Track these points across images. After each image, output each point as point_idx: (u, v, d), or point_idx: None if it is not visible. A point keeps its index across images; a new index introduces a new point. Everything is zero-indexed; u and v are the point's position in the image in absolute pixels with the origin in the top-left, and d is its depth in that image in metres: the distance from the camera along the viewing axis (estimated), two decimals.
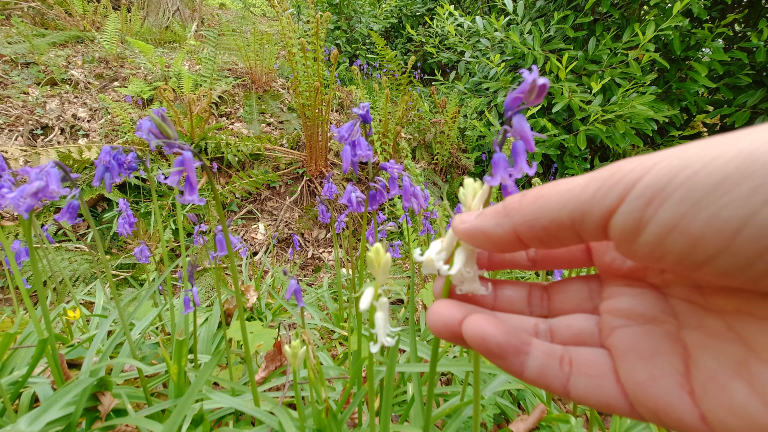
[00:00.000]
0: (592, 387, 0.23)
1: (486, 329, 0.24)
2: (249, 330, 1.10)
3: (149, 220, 2.52)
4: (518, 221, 0.23)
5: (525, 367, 0.24)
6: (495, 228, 0.24)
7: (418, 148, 3.49)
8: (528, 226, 0.22)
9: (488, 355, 0.24)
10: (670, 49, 2.82)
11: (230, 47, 3.70)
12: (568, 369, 0.24)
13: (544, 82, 0.27)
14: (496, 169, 0.30)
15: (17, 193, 0.53)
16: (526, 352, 0.24)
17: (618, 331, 0.23)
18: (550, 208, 0.21)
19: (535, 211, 0.22)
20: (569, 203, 0.21)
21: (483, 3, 4.26)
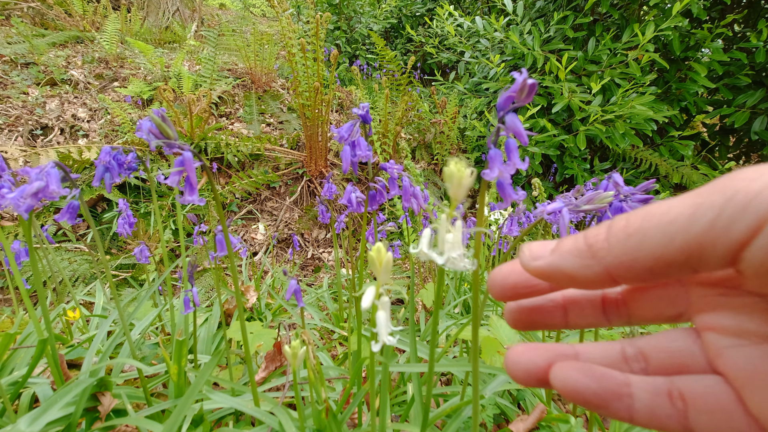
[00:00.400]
0: (718, 422, 0.20)
1: (578, 381, 0.22)
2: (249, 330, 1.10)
3: (149, 220, 2.52)
4: (611, 262, 0.20)
5: (633, 411, 0.21)
6: (582, 270, 0.21)
7: (417, 149, 3.50)
8: (626, 267, 0.20)
9: (588, 406, 0.22)
10: (669, 50, 2.82)
11: (230, 47, 3.70)
12: (681, 405, 0.21)
13: (533, 81, 0.29)
14: (493, 163, 0.33)
15: (17, 193, 0.53)
16: (628, 394, 0.21)
17: (729, 354, 0.21)
18: (652, 245, 0.19)
19: (632, 250, 0.20)
20: (677, 237, 0.18)
21: (483, 3, 4.26)
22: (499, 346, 0.88)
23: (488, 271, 1.87)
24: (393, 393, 0.94)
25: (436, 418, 0.70)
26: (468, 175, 0.28)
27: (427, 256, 0.29)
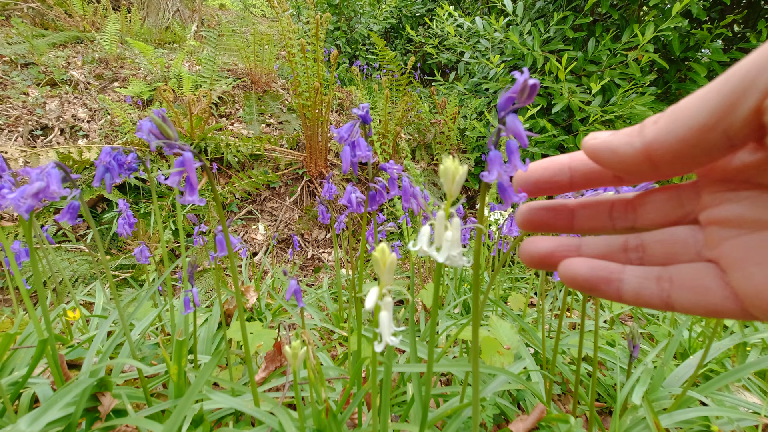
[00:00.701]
0: (697, 297, 0.23)
1: (576, 268, 0.25)
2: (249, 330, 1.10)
3: (149, 220, 2.52)
4: (650, 138, 0.21)
5: (621, 292, 0.24)
6: (624, 147, 0.22)
7: (417, 149, 3.50)
8: (661, 141, 0.21)
9: (580, 289, 0.26)
10: (669, 50, 2.82)
11: (230, 48, 3.71)
12: (668, 286, 0.24)
13: (534, 82, 0.28)
14: (492, 165, 0.32)
15: (18, 193, 0.53)
16: (619, 279, 0.25)
17: (728, 242, 0.22)
18: (689, 115, 0.20)
19: (671, 123, 0.21)
20: (710, 102, 0.19)
21: (483, 4, 4.26)
22: (499, 346, 0.89)
23: (488, 272, 1.87)
24: (393, 393, 0.94)
25: (436, 419, 0.70)
26: (462, 172, 0.29)
27: (427, 253, 0.29)
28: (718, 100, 0.19)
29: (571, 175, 0.27)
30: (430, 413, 0.82)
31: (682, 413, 0.83)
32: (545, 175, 0.28)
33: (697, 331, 1.29)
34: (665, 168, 0.22)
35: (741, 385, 1.00)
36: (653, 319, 1.52)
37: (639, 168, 0.23)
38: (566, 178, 0.28)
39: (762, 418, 0.81)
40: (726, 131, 0.19)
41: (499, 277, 1.84)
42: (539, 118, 2.97)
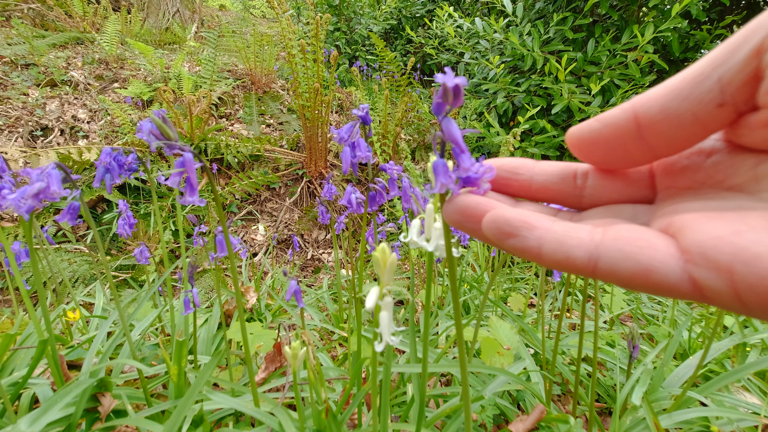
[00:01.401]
0: (633, 252, 0.19)
1: (504, 212, 0.23)
2: (249, 331, 1.10)
3: (149, 221, 2.52)
4: (638, 97, 0.21)
5: (542, 242, 0.21)
6: (613, 112, 0.22)
7: (417, 150, 3.50)
8: (649, 96, 0.21)
9: (499, 235, 0.22)
10: (669, 51, 2.83)
11: (230, 49, 3.71)
12: (599, 237, 0.20)
13: (457, 82, 0.25)
14: (436, 175, 0.28)
15: (18, 194, 0.53)
16: (546, 228, 0.21)
17: (690, 214, 0.20)
18: (683, 72, 0.20)
19: (661, 85, 0.20)
20: (708, 56, 0.19)
21: (482, 5, 4.27)
22: (499, 346, 0.89)
23: (488, 273, 1.87)
24: (393, 394, 0.94)
25: (435, 419, 0.70)
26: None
27: (417, 244, 0.30)
28: (717, 51, 0.19)
29: (532, 174, 0.26)
30: (429, 413, 0.82)
31: (682, 414, 0.83)
32: (508, 167, 0.27)
33: (697, 332, 1.30)
34: (651, 132, 0.21)
35: (741, 386, 1.00)
36: (653, 320, 1.52)
37: (624, 137, 0.22)
38: (528, 176, 0.26)
39: (762, 418, 0.81)
40: (720, 79, 0.19)
41: (499, 278, 1.84)
42: (539, 119, 2.97)
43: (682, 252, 0.18)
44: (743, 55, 0.18)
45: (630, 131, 0.21)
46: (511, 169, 0.27)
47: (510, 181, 0.27)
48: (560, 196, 0.26)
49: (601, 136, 0.23)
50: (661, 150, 0.22)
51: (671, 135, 0.21)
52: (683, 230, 0.19)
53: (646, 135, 0.21)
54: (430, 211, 0.30)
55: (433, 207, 0.30)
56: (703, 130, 0.20)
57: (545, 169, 0.27)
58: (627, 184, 0.25)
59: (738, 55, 0.18)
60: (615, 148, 0.23)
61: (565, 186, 0.26)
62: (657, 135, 0.21)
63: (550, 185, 0.26)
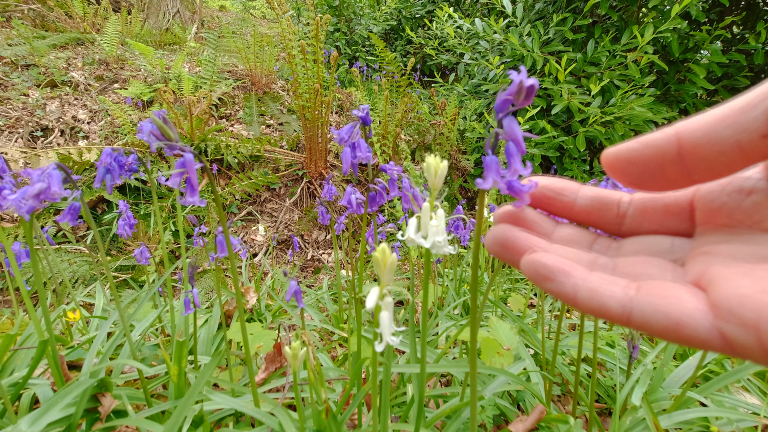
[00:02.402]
0: (664, 306, 0.19)
1: (541, 256, 0.23)
2: (249, 331, 1.10)
3: (149, 221, 2.52)
4: (682, 123, 0.21)
5: (578, 289, 0.22)
6: (656, 135, 0.22)
7: (417, 150, 3.50)
8: (693, 122, 0.21)
9: (537, 278, 0.23)
10: (668, 51, 2.83)
11: (230, 49, 3.71)
12: (633, 292, 0.21)
13: (532, 82, 0.26)
14: (488, 171, 0.29)
15: (19, 194, 0.53)
16: (582, 278, 0.22)
17: (721, 266, 0.20)
18: (727, 104, 0.20)
19: (705, 113, 0.21)
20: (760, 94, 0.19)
21: (482, 5, 4.27)
22: (499, 347, 0.89)
23: (488, 273, 1.87)
24: (393, 394, 0.94)
25: (435, 419, 0.70)
26: (443, 167, 0.30)
27: (415, 241, 0.30)
28: (763, 87, 0.19)
29: (576, 196, 0.27)
30: (429, 413, 0.82)
31: (682, 414, 0.83)
32: (554, 187, 0.28)
33: None
34: (692, 156, 0.21)
35: (740, 386, 1.00)
36: None
37: (664, 159, 0.22)
38: (572, 198, 0.27)
39: (761, 418, 0.81)
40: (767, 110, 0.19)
41: (499, 278, 1.84)
42: (539, 120, 2.97)
43: (712, 307, 0.19)
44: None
45: (671, 153, 0.22)
46: (557, 190, 0.28)
47: (554, 200, 0.28)
48: (601, 222, 0.27)
49: (640, 156, 0.23)
50: (699, 175, 0.22)
51: (712, 160, 0.21)
52: (713, 285, 0.19)
53: (686, 158, 0.21)
54: (426, 208, 0.31)
55: (429, 205, 0.30)
56: (744, 158, 0.20)
57: (588, 194, 0.27)
58: (667, 216, 0.25)
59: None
60: (653, 168, 0.23)
61: (606, 213, 0.27)
62: (697, 159, 0.21)
63: (592, 210, 0.27)
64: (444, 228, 0.30)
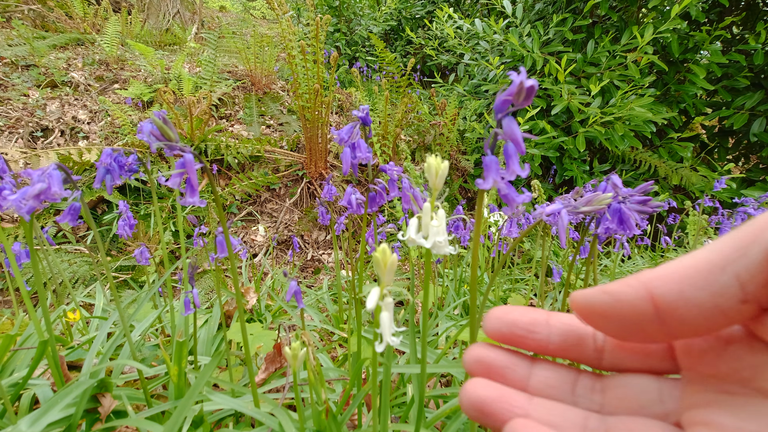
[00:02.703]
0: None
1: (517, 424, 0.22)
2: (249, 332, 1.10)
3: (149, 222, 2.52)
4: (651, 276, 0.20)
5: None
6: (625, 288, 0.21)
7: (417, 150, 3.50)
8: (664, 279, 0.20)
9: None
10: (668, 52, 2.83)
11: (230, 50, 3.72)
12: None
13: (532, 83, 0.26)
14: (488, 172, 0.30)
15: (19, 194, 0.53)
16: None
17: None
18: (693, 255, 0.19)
19: (674, 263, 0.20)
20: (717, 245, 0.19)
21: (482, 6, 4.27)
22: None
23: (488, 273, 1.87)
24: (393, 394, 0.94)
25: (435, 419, 0.70)
26: (444, 168, 0.30)
27: (415, 242, 0.31)
28: (726, 243, 0.18)
29: (549, 332, 0.25)
30: (430, 414, 0.82)
31: None
32: (522, 323, 0.26)
33: None
34: (671, 317, 0.20)
35: None
36: None
37: (640, 317, 0.20)
38: (545, 334, 0.25)
39: None
40: (738, 276, 0.18)
41: (499, 279, 1.84)
42: (538, 120, 2.98)
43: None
44: (758, 255, 0.17)
45: (646, 312, 0.20)
46: (525, 327, 0.25)
47: (527, 339, 0.26)
48: (580, 358, 0.25)
49: (613, 311, 0.21)
50: (682, 333, 0.20)
51: (694, 323, 0.19)
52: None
53: (665, 319, 0.20)
54: (427, 209, 0.31)
55: (430, 205, 0.31)
56: (726, 320, 0.19)
57: (560, 327, 0.25)
58: (647, 355, 0.24)
59: (752, 253, 0.18)
60: (630, 325, 0.21)
61: (584, 348, 0.25)
62: (678, 320, 0.20)
63: (568, 347, 0.25)
64: (444, 228, 0.30)
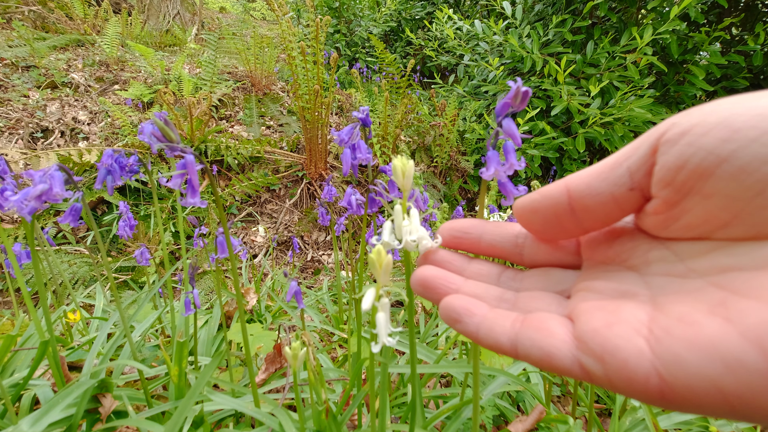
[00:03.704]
0: (540, 337, 0.22)
1: (453, 299, 0.26)
2: (249, 332, 1.10)
3: (149, 222, 2.52)
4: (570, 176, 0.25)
5: (479, 327, 0.25)
6: (551, 186, 0.25)
7: (417, 151, 3.50)
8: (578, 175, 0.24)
9: (448, 320, 0.26)
10: (667, 53, 2.83)
11: (230, 51, 3.72)
12: (519, 326, 0.24)
13: (527, 89, 0.32)
14: (490, 163, 0.35)
15: (21, 195, 0.54)
16: (483, 315, 0.25)
17: (587, 301, 0.23)
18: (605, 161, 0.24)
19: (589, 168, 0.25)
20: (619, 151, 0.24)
21: (482, 7, 4.28)
22: None
23: None
24: (393, 395, 0.94)
25: (434, 418, 0.70)
26: (410, 167, 0.32)
27: (390, 245, 0.32)
28: (630, 145, 0.23)
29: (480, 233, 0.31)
30: (429, 414, 0.82)
31: (681, 414, 0.83)
32: (460, 227, 0.31)
33: None
34: (579, 205, 0.24)
35: None
36: None
37: (558, 208, 0.25)
38: (477, 235, 0.31)
39: None
40: (629, 168, 0.23)
41: None
42: (538, 121, 2.98)
43: (575, 339, 0.21)
44: (643, 151, 0.22)
45: (563, 204, 0.25)
46: (462, 229, 0.31)
47: (462, 239, 0.31)
48: (505, 253, 0.30)
49: (540, 206, 0.26)
50: (588, 223, 0.25)
51: (595, 210, 0.24)
52: (578, 318, 0.22)
53: (576, 209, 0.25)
54: (398, 211, 0.32)
55: (402, 207, 0.32)
56: (619, 209, 0.24)
57: (491, 229, 0.31)
58: (557, 247, 0.29)
59: (640, 150, 0.22)
60: (550, 218, 0.26)
61: (507, 244, 0.30)
62: (584, 209, 0.24)
63: (496, 244, 0.30)
64: (417, 226, 0.31)
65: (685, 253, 0.22)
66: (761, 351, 0.16)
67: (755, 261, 0.19)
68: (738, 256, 0.20)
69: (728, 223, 0.20)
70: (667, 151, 0.21)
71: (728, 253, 0.20)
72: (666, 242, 0.24)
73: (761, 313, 0.16)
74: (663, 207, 0.22)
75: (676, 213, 0.22)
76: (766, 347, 0.16)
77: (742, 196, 0.19)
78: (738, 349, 0.16)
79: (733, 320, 0.17)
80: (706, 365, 0.17)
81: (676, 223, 0.22)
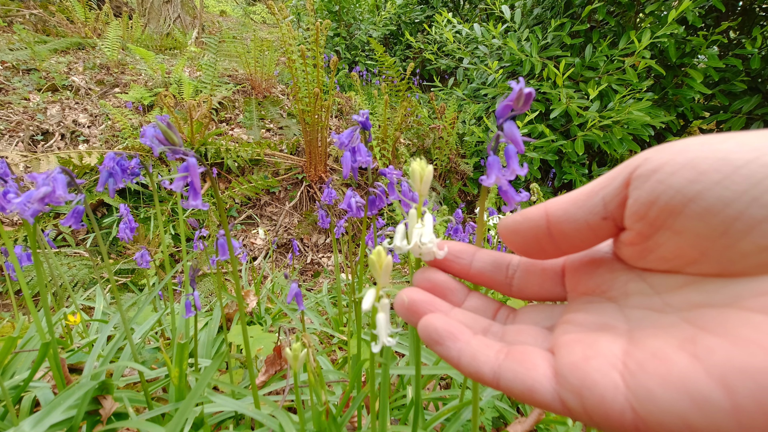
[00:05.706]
0: (521, 370, 0.22)
1: (434, 320, 0.26)
2: (249, 334, 1.10)
3: (149, 225, 2.52)
4: (550, 202, 0.25)
5: (461, 354, 0.25)
6: (533, 210, 0.26)
7: (417, 154, 3.51)
8: (557, 202, 0.25)
9: (428, 341, 0.26)
10: (665, 56, 2.85)
11: (230, 54, 3.73)
12: (502, 357, 0.24)
13: (530, 90, 0.30)
14: (491, 169, 0.33)
15: (24, 198, 0.54)
16: (466, 341, 0.25)
17: (567, 335, 0.24)
18: (580, 189, 0.25)
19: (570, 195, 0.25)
20: (595, 181, 0.24)
21: (481, 11, 4.30)
22: None
23: None
24: (393, 397, 0.94)
25: (434, 420, 0.71)
26: (428, 172, 0.31)
27: (402, 249, 0.32)
28: (605, 176, 0.24)
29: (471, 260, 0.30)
30: (429, 416, 0.82)
31: None
32: (452, 248, 0.31)
33: None
34: (557, 229, 0.25)
35: None
36: None
37: (537, 230, 0.26)
38: (468, 261, 0.30)
39: None
40: (604, 198, 0.23)
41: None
42: (537, 124, 2.99)
43: (555, 373, 0.21)
44: (617, 183, 0.23)
45: (542, 227, 0.26)
46: (453, 254, 0.31)
47: (453, 263, 0.30)
48: (493, 283, 0.30)
49: (521, 228, 0.27)
50: (565, 247, 0.26)
51: (571, 235, 0.25)
52: (558, 351, 0.22)
53: (553, 232, 0.25)
54: (413, 215, 0.31)
55: (416, 213, 0.31)
56: (594, 236, 0.25)
57: (483, 257, 0.30)
58: (545, 279, 0.29)
59: (614, 183, 0.23)
60: (530, 239, 0.27)
61: (497, 274, 0.30)
62: (561, 233, 0.25)
63: (486, 272, 0.30)
64: (430, 232, 0.31)
65: (661, 286, 0.23)
66: (725, 389, 0.16)
67: (724, 298, 0.20)
68: (708, 293, 0.20)
69: (697, 260, 0.21)
70: (639, 186, 0.21)
71: (700, 290, 0.21)
72: (643, 273, 0.24)
73: (725, 351, 0.17)
74: (637, 239, 0.23)
75: (651, 245, 0.22)
76: (730, 385, 0.16)
77: (709, 235, 0.19)
78: (704, 387, 0.17)
79: (700, 357, 0.18)
80: (676, 401, 0.17)
81: (651, 255, 0.23)
